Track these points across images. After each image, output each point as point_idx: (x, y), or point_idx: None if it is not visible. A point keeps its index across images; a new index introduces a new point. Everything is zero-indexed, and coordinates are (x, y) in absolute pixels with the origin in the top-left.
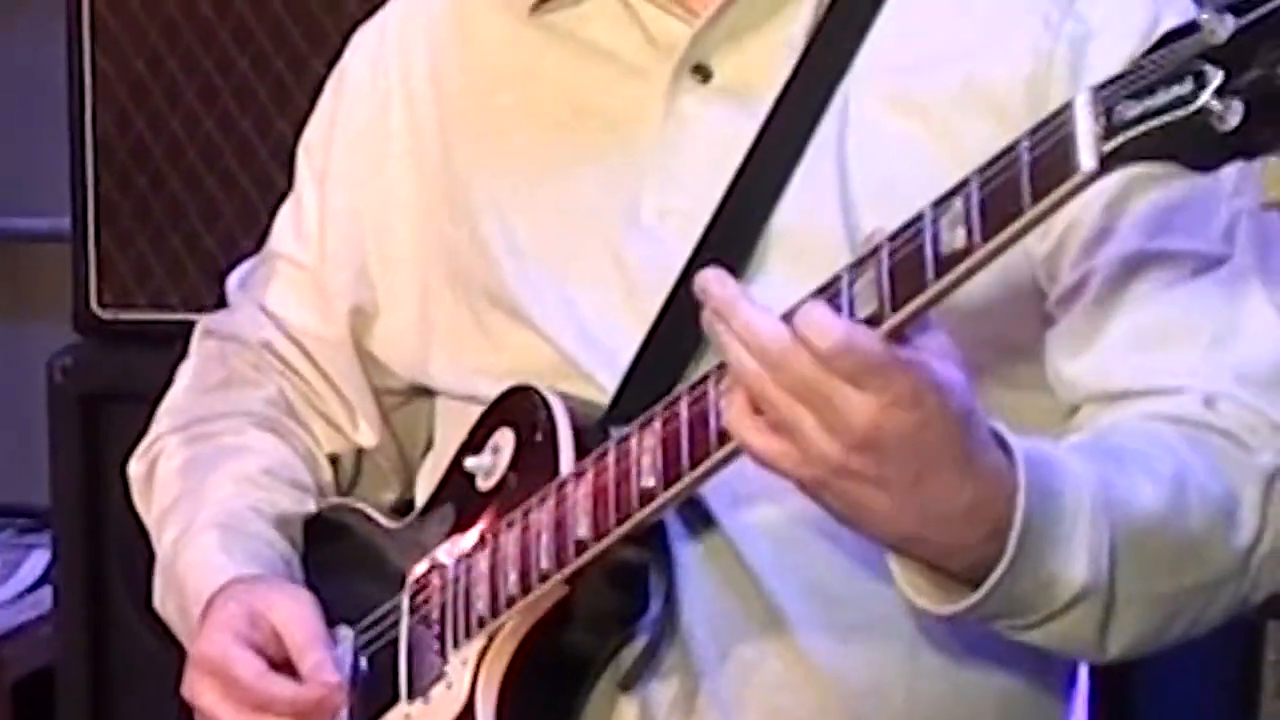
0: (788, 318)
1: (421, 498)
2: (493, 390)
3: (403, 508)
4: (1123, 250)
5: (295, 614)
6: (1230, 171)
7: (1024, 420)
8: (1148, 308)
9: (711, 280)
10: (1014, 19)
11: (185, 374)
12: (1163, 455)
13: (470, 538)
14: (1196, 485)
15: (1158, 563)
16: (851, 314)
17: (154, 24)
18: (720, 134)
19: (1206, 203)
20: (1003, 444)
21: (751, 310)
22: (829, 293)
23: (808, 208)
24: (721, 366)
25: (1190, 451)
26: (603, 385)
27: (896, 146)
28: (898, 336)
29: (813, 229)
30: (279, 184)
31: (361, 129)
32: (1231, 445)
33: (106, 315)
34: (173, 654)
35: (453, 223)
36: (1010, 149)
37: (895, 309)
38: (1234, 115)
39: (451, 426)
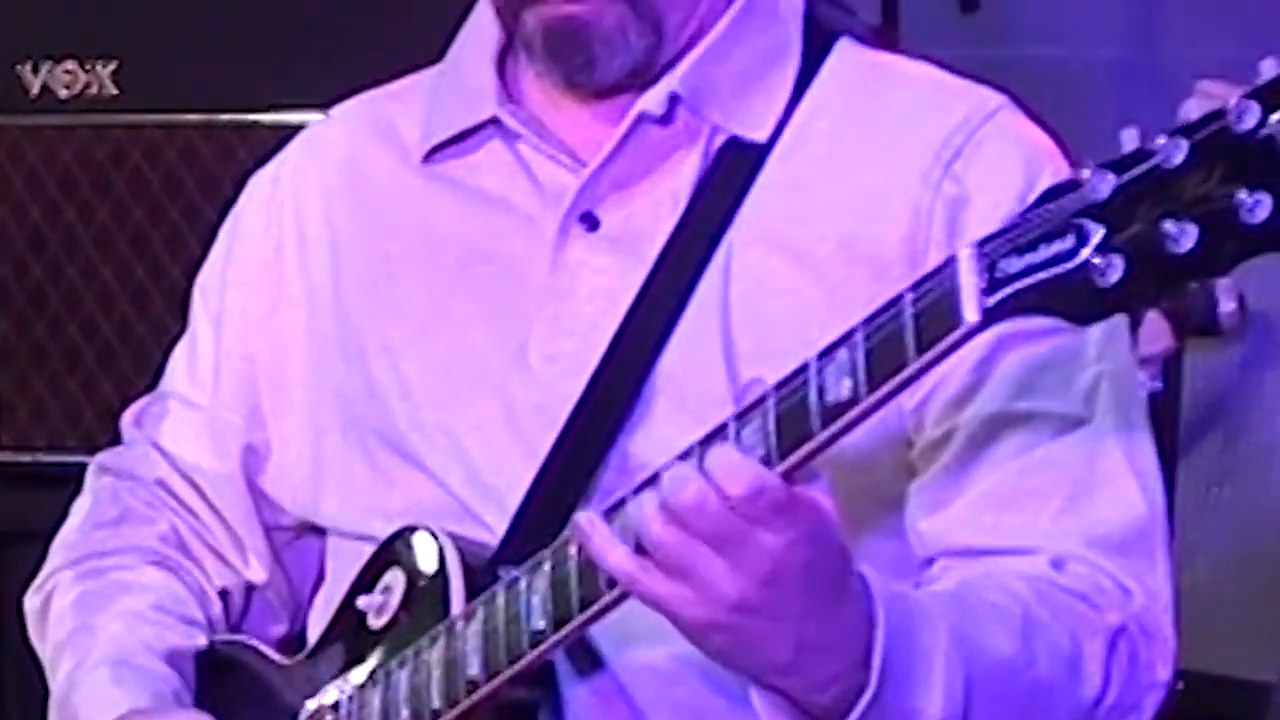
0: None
1: (314, 634)
2: (384, 529)
3: (292, 643)
4: (986, 409)
5: None
6: (1095, 334)
7: (901, 569)
8: (1007, 468)
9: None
10: (894, 176)
11: (80, 510)
12: (1013, 607)
13: (362, 675)
14: (1044, 638)
15: (1009, 706)
16: None
17: (51, 174)
18: (606, 282)
19: (1070, 365)
20: (861, 580)
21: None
22: (715, 440)
23: (692, 356)
24: (609, 511)
25: (1040, 607)
26: (491, 526)
27: (778, 298)
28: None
29: (697, 377)
30: (173, 329)
31: (256, 273)
32: (1079, 604)
33: (5, 457)
34: None
35: (345, 365)
36: (895, 301)
37: (782, 458)
38: (1115, 271)
39: (343, 564)
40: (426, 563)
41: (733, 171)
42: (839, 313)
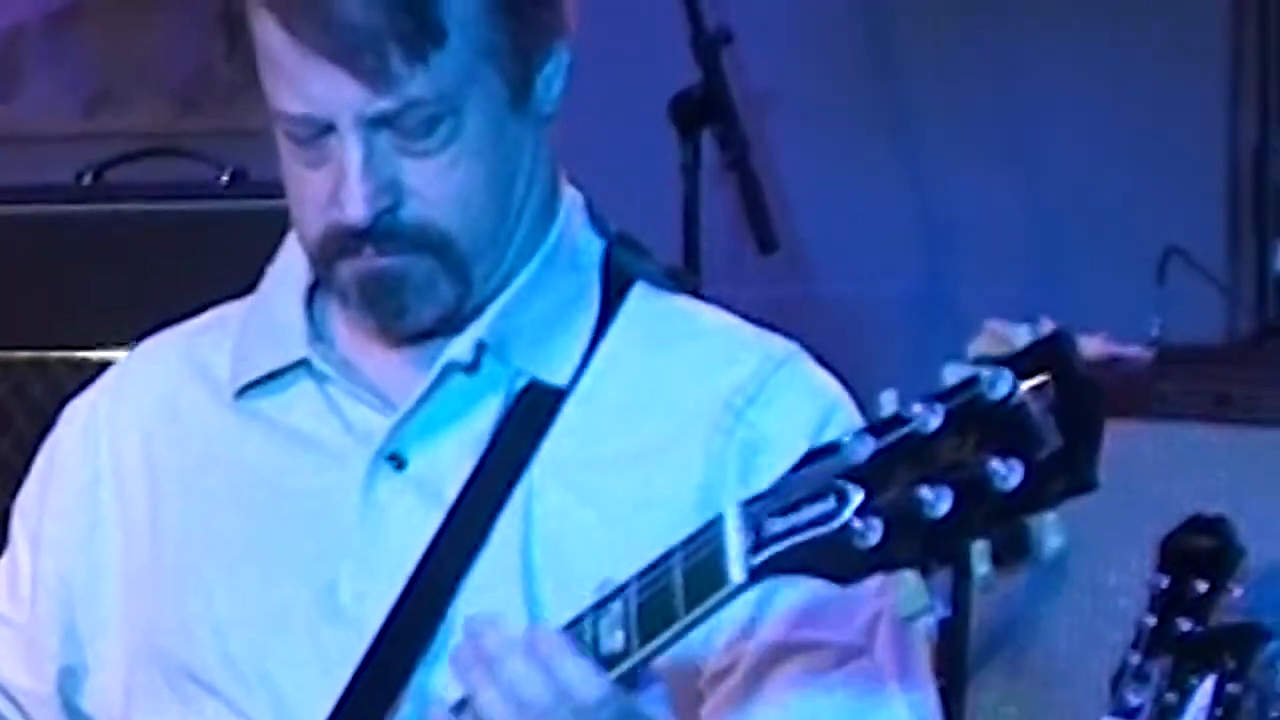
0: None
1: None
2: None
3: None
4: (770, 639)
5: None
6: None
7: None
8: (788, 695)
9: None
10: (688, 424)
11: None
12: None
13: None
14: None
15: None
16: None
17: None
18: (412, 522)
19: (851, 598)
20: None
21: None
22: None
23: (488, 596)
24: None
25: None
26: None
27: (576, 539)
28: None
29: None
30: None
31: (72, 500)
32: None
33: None
34: None
35: (157, 596)
36: (666, 557)
37: None
38: (874, 533)
39: None
40: None
41: (532, 414)
42: (635, 555)
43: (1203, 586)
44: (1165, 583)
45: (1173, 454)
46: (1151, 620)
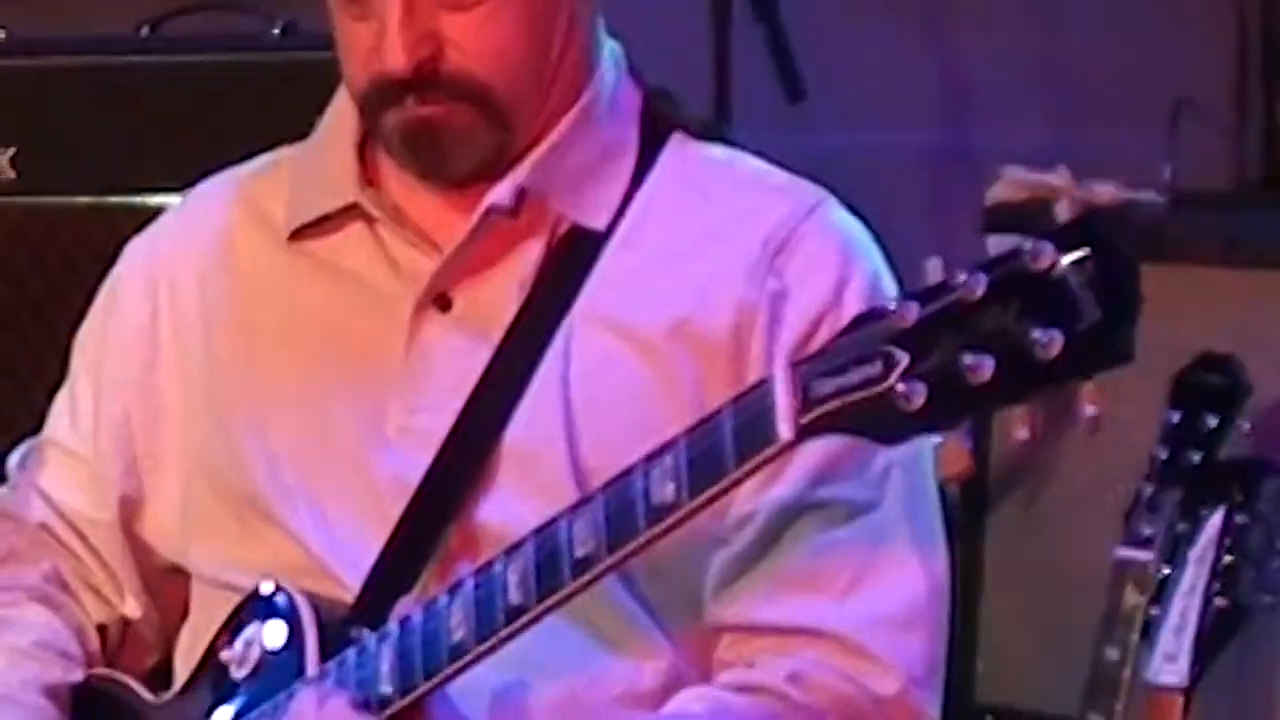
0: None
1: (180, 670)
2: (246, 581)
3: (162, 675)
4: (787, 496)
5: None
6: None
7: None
8: (798, 551)
9: None
10: (722, 269)
11: None
12: None
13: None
14: None
15: None
16: (571, 553)
17: None
18: (457, 360)
19: (866, 452)
20: None
21: None
22: (545, 533)
23: (534, 431)
24: (453, 590)
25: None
26: (349, 584)
27: (614, 376)
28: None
29: (539, 450)
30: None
31: (132, 337)
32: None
33: None
34: None
35: (214, 430)
36: (716, 414)
37: (610, 552)
38: (918, 396)
39: (207, 609)
40: (284, 619)
41: (574, 257)
42: (671, 392)
43: (1212, 421)
44: (1176, 417)
45: (1184, 295)
46: (1163, 453)
